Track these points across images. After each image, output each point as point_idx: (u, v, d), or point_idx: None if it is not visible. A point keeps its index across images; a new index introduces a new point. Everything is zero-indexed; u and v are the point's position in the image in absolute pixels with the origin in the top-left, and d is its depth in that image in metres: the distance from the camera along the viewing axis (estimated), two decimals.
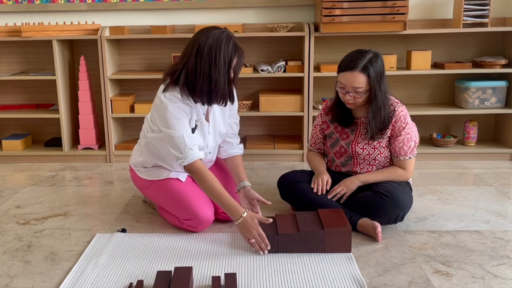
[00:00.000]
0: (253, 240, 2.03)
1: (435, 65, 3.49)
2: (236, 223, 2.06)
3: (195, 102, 2.17)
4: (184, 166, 2.16)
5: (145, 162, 2.40)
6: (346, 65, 2.22)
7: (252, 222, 2.03)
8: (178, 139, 2.12)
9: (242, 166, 2.44)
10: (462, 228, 2.32)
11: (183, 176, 2.37)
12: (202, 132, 2.27)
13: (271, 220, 2.09)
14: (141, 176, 2.41)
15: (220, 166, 2.56)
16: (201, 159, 2.16)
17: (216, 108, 2.31)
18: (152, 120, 2.28)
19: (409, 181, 2.41)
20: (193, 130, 2.21)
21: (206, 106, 2.24)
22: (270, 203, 2.28)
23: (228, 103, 2.24)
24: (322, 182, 2.34)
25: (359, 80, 2.19)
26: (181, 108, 2.14)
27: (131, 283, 1.82)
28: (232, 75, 2.13)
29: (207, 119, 2.30)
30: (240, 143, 2.52)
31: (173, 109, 2.12)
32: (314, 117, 3.36)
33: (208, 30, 2.11)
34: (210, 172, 2.15)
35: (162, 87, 2.20)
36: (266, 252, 2.04)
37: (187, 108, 2.16)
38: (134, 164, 2.45)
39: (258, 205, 2.32)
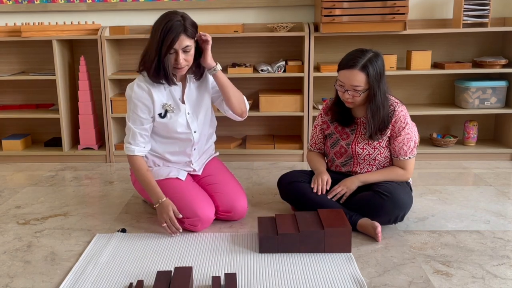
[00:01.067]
0: (165, 225, 2.21)
1: (435, 65, 3.49)
2: (155, 206, 2.26)
3: (156, 82, 2.25)
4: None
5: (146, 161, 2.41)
6: (346, 63, 2.22)
7: (167, 208, 2.21)
8: (127, 129, 2.33)
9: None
10: (462, 228, 2.32)
11: (183, 175, 2.38)
12: (179, 114, 2.33)
13: (180, 216, 2.22)
14: None
15: (219, 166, 2.55)
16: (139, 156, 2.32)
17: (192, 88, 2.37)
18: None
19: (409, 181, 2.41)
20: (163, 115, 2.30)
21: (180, 88, 2.33)
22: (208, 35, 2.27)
23: (209, 84, 2.39)
24: (322, 182, 2.34)
25: (358, 78, 2.19)
26: (143, 101, 2.26)
27: (131, 283, 1.82)
28: (163, 50, 2.14)
29: (183, 101, 2.34)
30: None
31: (135, 103, 2.26)
32: (314, 117, 3.36)
33: (166, 13, 2.20)
34: (141, 163, 2.32)
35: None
36: (178, 234, 2.23)
37: (147, 99, 2.26)
38: None
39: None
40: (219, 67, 2.31)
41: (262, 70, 3.38)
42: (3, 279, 1.91)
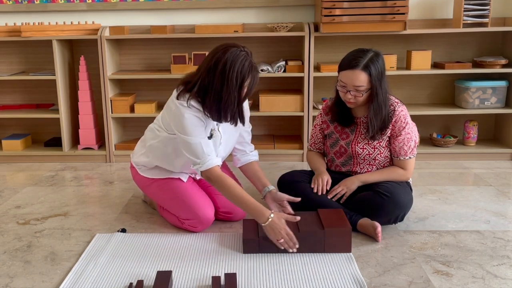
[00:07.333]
0: (282, 240, 2.01)
1: (435, 65, 3.49)
2: (263, 225, 2.02)
3: (206, 115, 2.13)
4: (201, 173, 2.14)
5: (148, 163, 2.39)
6: (347, 64, 2.22)
7: (280, 223, 2.01)
8: (195, 146, 2.10)
9: (261, 171, 2.41)
10: (462, 228, 2.32)
11: (185, 177, 2.37)
12: (215, 143, 2.23)
13: (298, 218, 2.06)
14: (143, 175, 2.40)
15: (228, 171, 2.54)
16: (218, 165, 2.14)
17: None
18: (163, 122, 2.27)
19: (409, 181, 2.41)
20: (209, 138, 2.20)
21: None
22: (299, 199, 2.25)
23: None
24: (322, 182, 2.34)
25: (360, 78, 2.19)
26: (197, 115, 2.12)
27: (131, 283, 1.82)
28: (242, 95, 2.09)
29: (218, 130, 2.27)
30: (254, 149, 2.49)
31: (190, 116, 2.10)
32: (314, 117, 3.36)
33: (227, 46, 2.07)
34: (229, 178, 2.12)
35: (175, 93, 2.17)
36: (295, 250, 2.01)
37: (203, 116, 2.14)
38: (136, 163, 2.45)
39: (288, 205, 2.27)
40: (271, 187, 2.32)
41: (262, 70, 3.38)
42: (3, 279, 1.91)
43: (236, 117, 2.14)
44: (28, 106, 3.73)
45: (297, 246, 2.01)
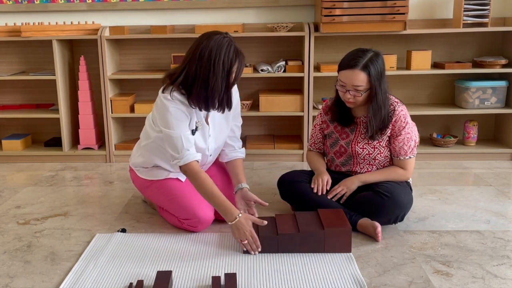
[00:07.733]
0: (246, 242, 2.04)
1: (435, 65, 3.49)
2: (230, 223, 2.06)
3: (191, 106, 2.16)
4: (179, 167, 2.17)
5: (145, 163, 2.40)
6: (347, 63, 2.22)
7: (246, 224, 2.04)
8: (176, 139, 2.13)
9: (241, 168, 2.42)
10: (462, 228, 2.32)
11: (183, 176, 2.37)
12: (203, 135, 2.27)
13: (265, 222, 2.09)
14: (141, 176, 2.41)
15: (221, 168, 2.55)
16: (197, 161, 2.16)
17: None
18: (153, 120, 2.29)
19: (409, 181, 2.41)
20: (193, 132, 2.21)
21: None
22: (267, 204, 2.28)
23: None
24: (322, 182, 2.34)
25: (360, 78, 2.19)
26: (181, 109, 2.14)
27: (131, 283, 1.82)
28: (231, 81, 2.12)
29: (206, 121, 2.29)
30: (242, 147, 2.50)
31: (174, 110, 2.13)
32: (314, 117, 3.35)
33: (210, 35, 2.11)
34: (204, 173, 2.15)
35: (162, 88, 2.20)
36: (257, 252, 2.04)
37: (188, 110, 2.17)
38: (134, 165, 2.45)
39: (255, 206, 2.31)
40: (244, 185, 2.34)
41: (262, 70, 3.38)
42: (3, 279, 1.91)
43: (223, 103, 2.16)
44: (28, 106, 3.73)
45: (259, 249, 2.03)
